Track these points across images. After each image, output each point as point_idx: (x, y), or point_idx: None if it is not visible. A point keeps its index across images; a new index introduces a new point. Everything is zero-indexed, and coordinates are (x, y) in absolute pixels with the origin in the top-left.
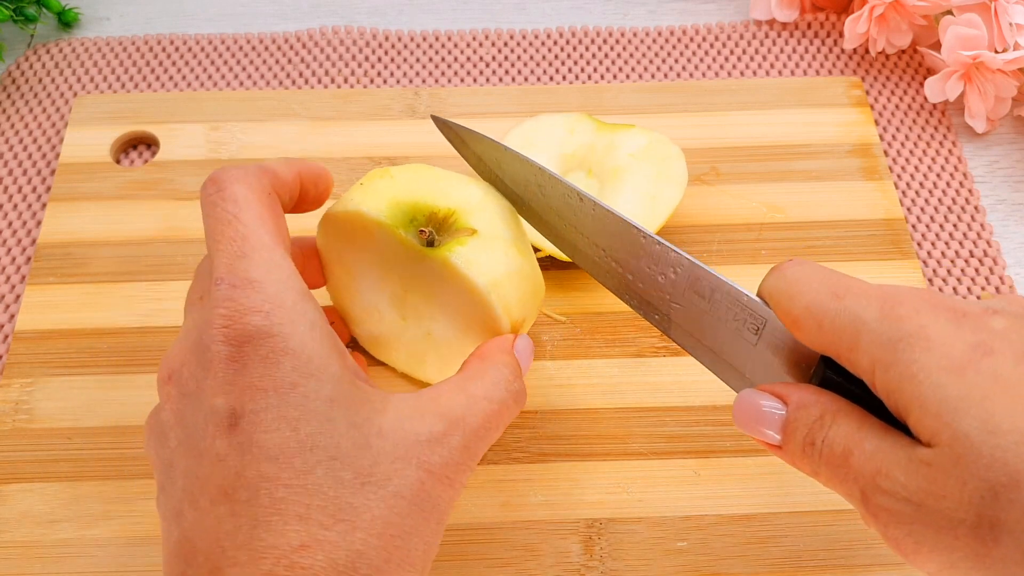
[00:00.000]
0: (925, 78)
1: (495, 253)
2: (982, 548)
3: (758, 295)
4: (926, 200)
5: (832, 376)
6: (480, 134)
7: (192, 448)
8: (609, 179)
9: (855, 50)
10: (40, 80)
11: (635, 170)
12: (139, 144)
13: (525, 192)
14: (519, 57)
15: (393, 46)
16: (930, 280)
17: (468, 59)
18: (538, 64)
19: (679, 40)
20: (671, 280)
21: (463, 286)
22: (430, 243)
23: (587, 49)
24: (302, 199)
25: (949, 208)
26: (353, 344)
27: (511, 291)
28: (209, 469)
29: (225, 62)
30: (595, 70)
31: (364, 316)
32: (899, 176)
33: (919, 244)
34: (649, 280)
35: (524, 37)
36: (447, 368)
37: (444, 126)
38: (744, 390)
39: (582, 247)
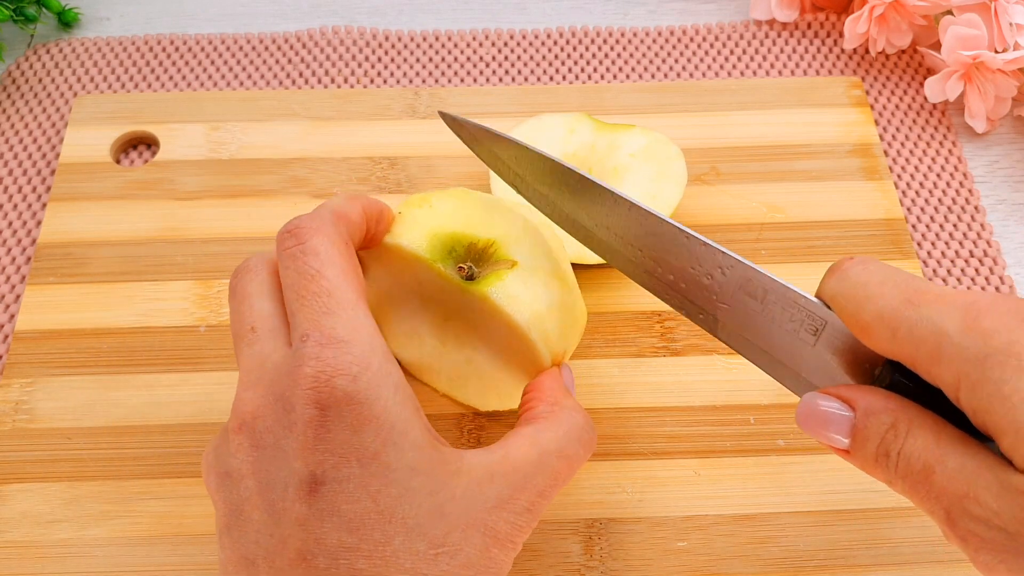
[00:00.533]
0: (925, 78)
1: (535, 287)
2: None
3: (818, 297)
4: (926, 200)
5: (902, 380)
6: (496, 132)
7: (270, 505)
8: (609, 179)
9: (855, 50)
10: (40, 80)
11: (635, 169)
12: (139, 144)
13: (551, 192)
14: (519, 57)
15: (393, 46)
16: (930, 280)
17: (468, 59)
18: (538, 64)
19: (679, 40)
20: (718, 281)
21: (503, 320)
22: (470, 277)
23: (587, 49)
24: (368, 239)
25: (949, 208)
26: None
27: (552, 325)
28: (288, 530)
29: (225, 62)
30: (595, 70)
31: (404, 340)
32: (899, 176)
33: (919, 244)
34: (693, 281)
35: (524, 37)
36: (488, 393)
37: (454, 123)
38: (808, 394)
39: (616, 247)
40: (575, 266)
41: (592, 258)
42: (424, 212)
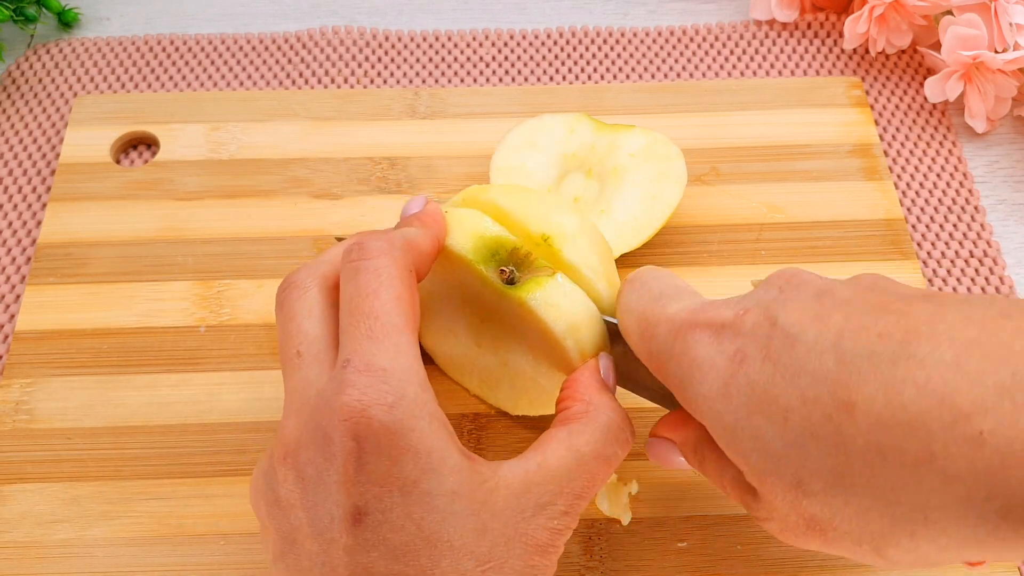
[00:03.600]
0: (925, 78)
1: (575, 295)
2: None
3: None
4: (926, 200)
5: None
6: None
7: (319, 535)
8: (609, 179)
9: (855, 50)
10: (40, 80)
11: (635, 170)
12: (139, 144)
13: None
14: (519, 57)
15: (393, 46)
16: (930, 280)
17: (468, 59)
18: (538, 64)
19: (679, 40)
20: None
21: (540, 327)
22: (510, 281)
23: (587, 49)
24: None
25: (949, 208)
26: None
27: (588, 334)
28: (338, 559)
29: (225, 62)
30: (595, 70)
31: (440, 337)
32: (899, 176)
33: (919, 244)
34: None
35: (524, 37)
36: (520, 397)
37: None
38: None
39: None
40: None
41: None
42: (472, 213)
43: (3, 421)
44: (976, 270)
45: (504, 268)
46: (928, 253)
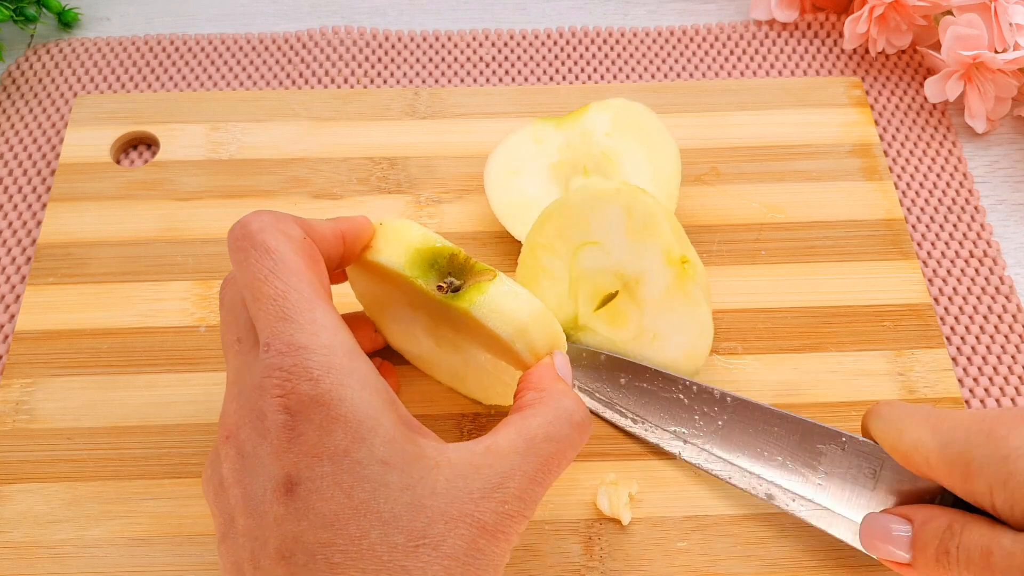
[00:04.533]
0: (925, 78)
1: (519, 295)
2: None
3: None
4: (926, 200)
5: (962, 500)
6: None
7: (252, 509)
8: (607, 169)
9: (855, 50)
10: (40, 80)
11: (622, 150)
12: (139, 144)
13: (606, 385)
14: (519, 57)
15: (393, 46)
16: (930, 280)
17: (468, 59)
18: (538, 64)
19: (679, 40)
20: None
21: (489, 332)
22: (454, 289)
23: (587, 49)
24: (347, 256)
25: (949, 208)
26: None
27: (537, 332)
28: (269, 531)
29: (225, 62)
30: (595, 70)
31: (402, 338)
32: (899, 176)
33: (919, 244)
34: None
35: (524, 37)
36: (488, 389)
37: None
38: (869, 514)
39: (681, 434)
40: None
41: None
42: (404, 223)
43: (3, 421)
44: (976, 270)
45: (442, 284)
46: (928, 253)
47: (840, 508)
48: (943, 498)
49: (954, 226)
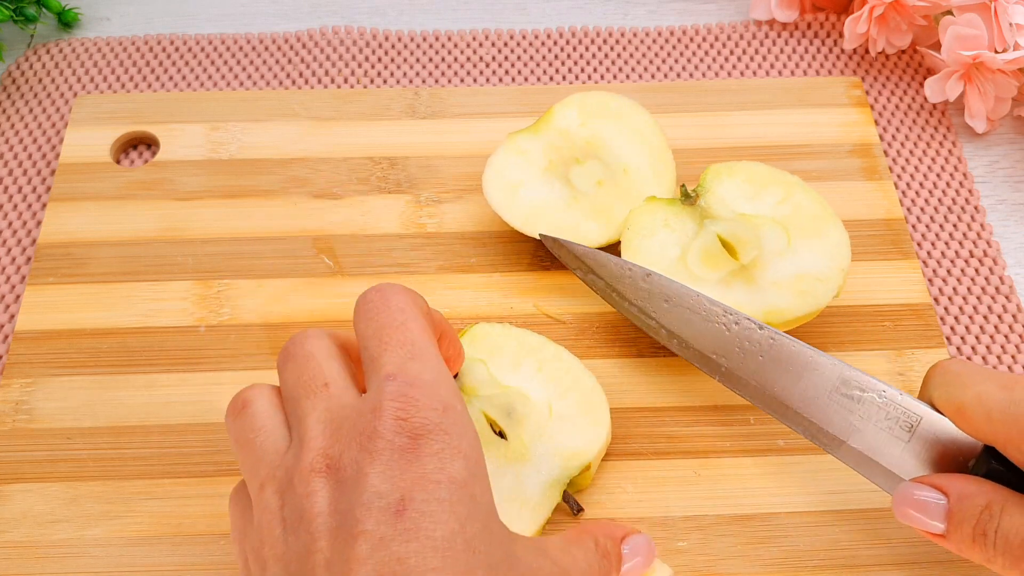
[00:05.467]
0: (925, 78)
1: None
2: None
3: (920, 395)
4: (926, 200)
5: (998, 468)
6: (597, 252)
7: (345, 533)
8: (599, 152)
9: (855, 50)
10: (40, 80)
11: (602, 134)
12: (139, 144)
13: (648, 304)
14: (519, 57)
15: (393, 46)
16: (930, 280)
17: (468, 59)
18: (538, 64)
19: (679, 40)
20: (814, 384)
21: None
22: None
23: (587, 49)
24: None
25: (949, 208)
26: None
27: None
28: (365, 552)
29: (225, 62)
30: (595, 70)
31: None
32: (899, 176)
33: (919, 244)
34: (811, 405)
35: (524, 37)
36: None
37: (555, 244)
38: (902, 484)
39: (721, 363)
40: (560, 264)
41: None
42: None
43: (3, 421)
44: (976, 270)
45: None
46: (928, 253)
47: (873, 455)
48: (976, 464)
49: (954, 226)
